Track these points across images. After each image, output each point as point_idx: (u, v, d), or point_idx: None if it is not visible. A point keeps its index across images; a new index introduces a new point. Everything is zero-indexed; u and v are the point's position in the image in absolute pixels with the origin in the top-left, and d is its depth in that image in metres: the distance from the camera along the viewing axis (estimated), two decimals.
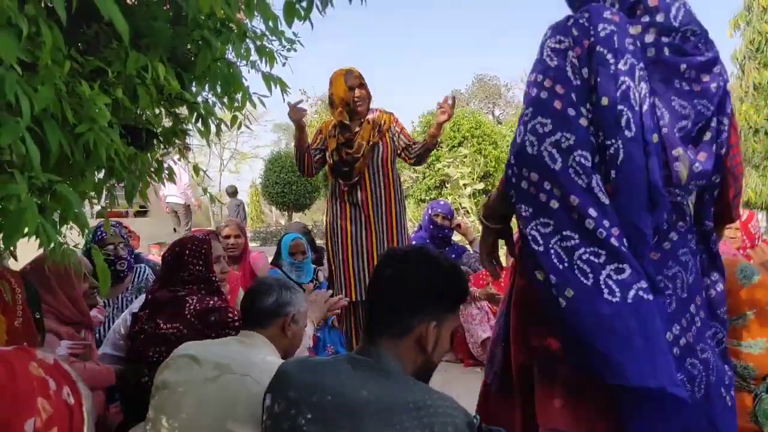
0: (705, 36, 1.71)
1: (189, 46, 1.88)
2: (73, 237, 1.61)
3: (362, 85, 3.91)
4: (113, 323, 3.05)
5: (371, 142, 3.90)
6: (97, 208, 1.97)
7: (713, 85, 1.68)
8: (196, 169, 2.14)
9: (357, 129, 3.92)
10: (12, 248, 1.82)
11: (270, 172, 20.94)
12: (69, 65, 1.32)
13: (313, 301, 2.83)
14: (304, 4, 1.83)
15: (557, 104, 1.61)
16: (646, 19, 1.68)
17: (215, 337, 2.43)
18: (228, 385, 1.81)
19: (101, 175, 1.82)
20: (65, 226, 1.47)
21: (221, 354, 1.92)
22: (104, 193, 1.90)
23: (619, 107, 1.58)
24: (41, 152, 1.32)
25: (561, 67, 1.64)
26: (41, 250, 1.34)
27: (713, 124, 1.69)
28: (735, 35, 15.88)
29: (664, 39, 1.67)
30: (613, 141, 1.59)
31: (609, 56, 1.60)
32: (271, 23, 1.87)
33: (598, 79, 1.60)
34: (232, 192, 15.19)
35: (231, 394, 1.79)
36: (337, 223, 4.01)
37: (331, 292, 3.05)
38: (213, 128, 2.05)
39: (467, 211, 11.66)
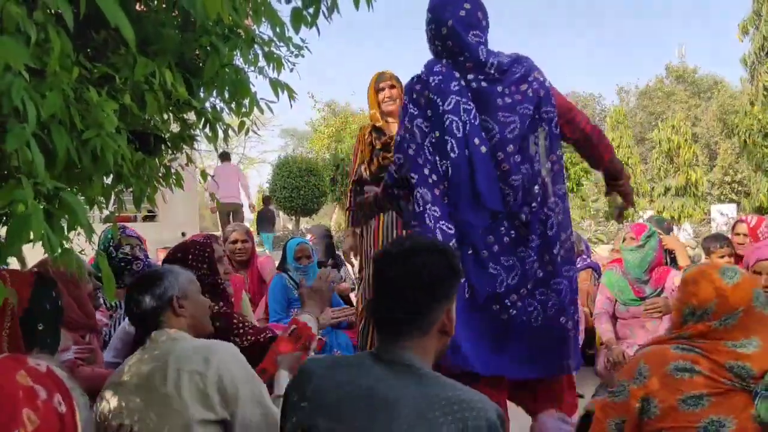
0: (516, 59, 2.42)
1: (197, 52, 1.89)
2: (80, 242, 1.61)
3: (393, 86, 3.90)
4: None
5: None
6: (106, 213, 1.96)
7: (530, 90, 2.36)
8: (203, 174, 2.13)
9: (393, 132, 3.90)
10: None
11: (277, 177, 20.97)
12: (77, 71, 1.33)
13: (316, 289, 2.76)
14: (311, 10, 1.83)
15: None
16: (466, 64, 2.36)
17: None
18: (154, 390, 1.79)
19: (109, 180, 1.83)
20: (73, 231, 1.48)
21: (136, 366, 1.89)
22: (112, 198, 1.90)
23: (446, 137, 2.30)
24: (49, 158, 1.33)
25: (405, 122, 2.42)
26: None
27: (538, 115, 2.37)
28: (744, 39, 15.84)
29: (480, 75, 2.36)
30: (445, 161, 2.33)
31: (439, 101, 2.32)
32: (278, 29, 1.87)
33: (433, 119, 2.34)
34: (267, 198, 15.42)
35: (161, 396, 1.77)
36: (369, 230, 3.99)
37: (335, 272, 2.97)
38: (221, 134, 2.05)
39: None
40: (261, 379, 2.13)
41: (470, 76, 2.36)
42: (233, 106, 1.99)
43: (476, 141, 2.30)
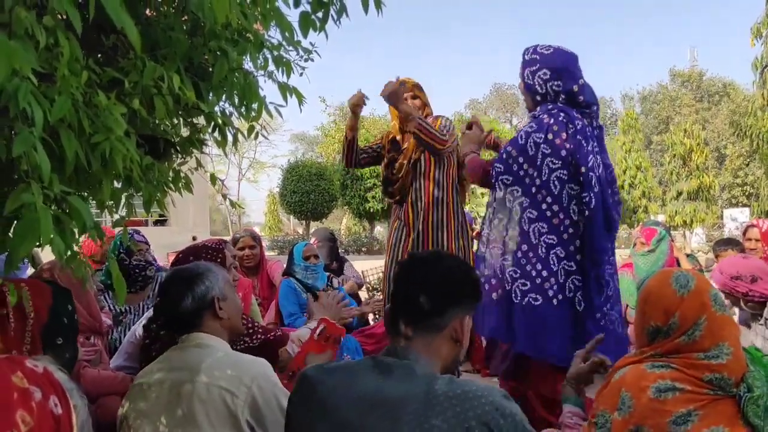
0: None
1: (206, 57, 1.89)
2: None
3: (415, 96, 3.84)
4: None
5: (412, 159, 3.82)
6: (116, 217, 1.96)
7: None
8: (213, 178, 2.14)
9: (405, 145, 3.85)
10: (31, 255, 1.82)
11: (288, 181, 21.05)
12: (86, 75, 1.33)
13: (325, 305, 2.81)
14: (320, 14, 1.84)
15: (520, 173, 2.88)
16: (588, 113, 2.93)
17: (235, 346, 2.41)
18: (179, 399, 1.76)
19: (119, 184, 1.83)
20: (83, 235, 1.48)
21: (166, 369, 1.86)
22: (122, 202, 1.90)
23: (590, 173, 2.76)
24: (58, 162, 1.33)
25: (531, 152, 2.83)
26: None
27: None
28: (757, 43, 15.69)
29: (596, 123, 2.95)
30: (587, 193, 2.75)
31: (584, 142, 2.79)
32: (287, 33, 1.87)
33: (578, 156, 2.77)
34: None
35: (185, 407, 1.74)
36: (389, 238, 4.01)
37: (342, 294, 3.06)
38: (230, 138, 2.05)
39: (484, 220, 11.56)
40: (293, 377, 2.13)
41: (594, 124, 2.94)
42: (243, 110, 1.99)
43: (609, 177, 2.90)
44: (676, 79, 38.42)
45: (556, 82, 2.86)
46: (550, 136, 2.79)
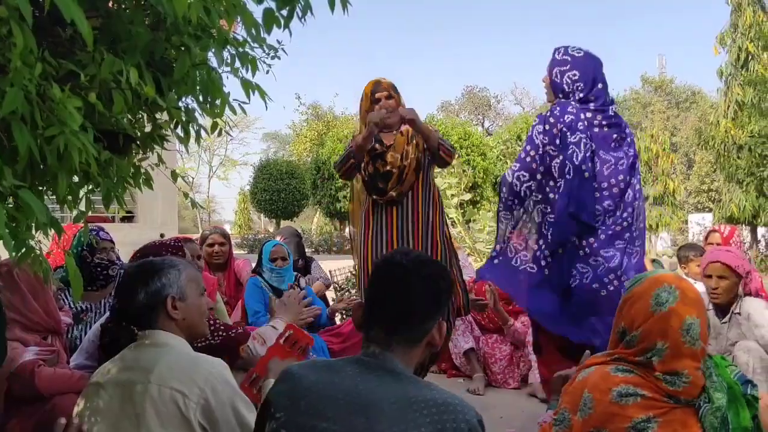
0: (622, 121, 3.32)
1: (171, 51, 1.86)
2: (47, 243, 1.58)
3: (391, 96, 3.65)
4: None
5: (409, 158, 3.57)
6: (76, 212, 1.92)
7: (629, 151, 3.24)
8: (174, 174, 2.11)
9: (391, 142, 3.61)
10: None
11: (259, 180, 20.92)
12: (41, 67, 1.30)
13: (287, 303, 2.80)
14: (285, 12, 1.82)
15: (533, 165, 3.28)
16: (591, 106, 3.21)
17: (196, 344, 2.38)
18: (132, 400, 1.73)
19: (77, 179, 1.79)
20: (39, 231, 1.45)
21: (121, 369, 1.82)
22: (83, 198, 1.86)
23: (566, 162, 3.13)
24: (10, 155, 1.30)
25: (541, 143, 3.25)
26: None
27: (633, 173, 3.23)
28: (721, 52, 16.03)
29: (604, 121, 3.20)
30: (560, 180, 3.15)
31: (568, 134, 3.15)
32: (253, 30, 1.85)
33: (561, 146, 3.16)
34: None
35: (137, 407, 1.71)
36: (366, 241, 3.65)
37: (304, 293, 3.03)
38: (193, 134, 2.02)
39: (454, 222, 11.65)
40: (254, 381, 2.09)
41: (595, 121, 3.20)
42: (207, 106, 1.96)
43: (583, 167, 3.12)
44: (647, 85, 38.96)
45: (580, 83, 3.20)
46: (548, 127, 3.18)
